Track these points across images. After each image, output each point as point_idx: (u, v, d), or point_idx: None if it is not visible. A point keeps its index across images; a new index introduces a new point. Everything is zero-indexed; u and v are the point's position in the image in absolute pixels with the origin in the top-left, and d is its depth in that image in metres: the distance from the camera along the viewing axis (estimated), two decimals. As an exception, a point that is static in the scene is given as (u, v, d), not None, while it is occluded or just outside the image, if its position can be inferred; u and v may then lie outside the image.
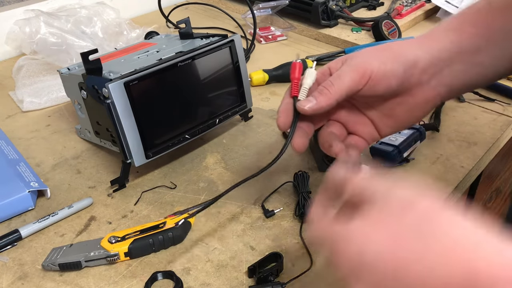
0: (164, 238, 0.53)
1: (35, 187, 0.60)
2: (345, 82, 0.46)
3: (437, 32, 0.50)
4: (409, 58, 0.47)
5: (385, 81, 0.46)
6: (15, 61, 0.89)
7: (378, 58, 0.47)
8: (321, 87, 0.47)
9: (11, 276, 0.52)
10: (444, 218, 0.31)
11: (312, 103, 0.47)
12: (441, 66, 0.48)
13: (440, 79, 0.49)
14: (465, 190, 0.69)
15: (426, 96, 0.49)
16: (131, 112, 0.58)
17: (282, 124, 0.50)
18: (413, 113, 0.51)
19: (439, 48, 0.48)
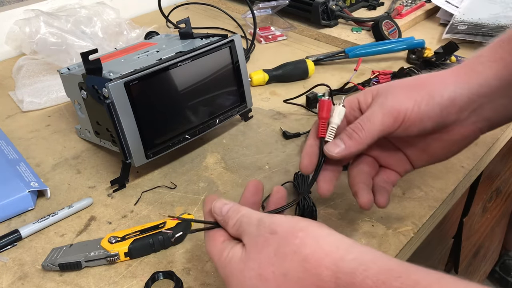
0: (164, 238, 0.53)
1: (35, 187, 0.60)
2: (377, 126, 0.44)
3: (478, 63, 0.46)
4: (445, 97, 0.44)
5: (420, 124, 0.44)
6: (15, 61, 0.89)
7: (412, 98, 0.44)
8: (351, 130, 0.45)
9: (11, 276, 0.52)
10: (297, 239, 0.36)
11: (340, 148, 0.45)
12: (481, 102, 0.45)
13: (480, 115, 0.46)
14: (465, 190, 0.69)
15: (464, 133, 0.47)
16: (131, 112, 0.58)
17: (305, 168, 0.47)
18: (450, 148, 0.48)
19: (480, 82, 0.44)
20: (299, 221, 0.38)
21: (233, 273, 0.38)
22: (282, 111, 0.79)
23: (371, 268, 0.32)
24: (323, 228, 0.37)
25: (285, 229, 0.37)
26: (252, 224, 0.39)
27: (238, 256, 0.38)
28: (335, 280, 0.33)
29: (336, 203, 0.60)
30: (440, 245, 0.96)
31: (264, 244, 0.37)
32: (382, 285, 0.30)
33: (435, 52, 0.88)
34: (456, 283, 0.29)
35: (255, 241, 0.38)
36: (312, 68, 0.87)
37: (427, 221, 0.58)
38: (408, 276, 0.30)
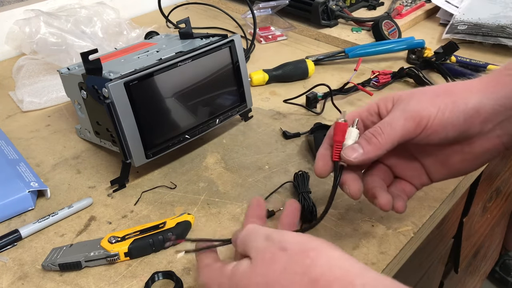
0: (164, 238, 0.53)
1: (35, 187, 0.60)
2: (397, 131, 0.42)
3: (505, 75, 0.44)
4: (470, 106, 0.42)
5: (442, 131, 0.43)
6: (15, 61, 0.89)
7: (436, 104, 0.42)
8: (370, 135, 0.43)
9: (11, 276, 0.52)
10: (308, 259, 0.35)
11: (358, 153, 0.43)
12: (507, 115, 0.43)
13: (505, 128, 0.44)
14: (465, 190, 0.69)
15: (487, 146, 0.44)
16: (131, 112, 0.58)
17: (319, 170, 0.46)
18: (471, 162, 0.46)
19: (507, 94, 0.42)
20: (310, 240, 0.37)
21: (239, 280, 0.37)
22: (282, 111, 0.79)
23: None
24: (335, 249, 0.37)
25: (295, 247, 0.37)
26: (259, 239, 0.39)
27: (244, 266, 0.38)
28: None
29: (336, 203, 0.60)
30: (440, 245, 0.96)
31: (271, 260, 0.36)
32: None
33: (435, 52, 0.88)
34: None
35: (262, 255, 0.37)
36: (312, 68, 0.87)
37: (427, 221, 0.58)
38: None
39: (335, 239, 0.55)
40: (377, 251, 0.53)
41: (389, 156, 0.48)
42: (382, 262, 0.52)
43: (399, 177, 0.50)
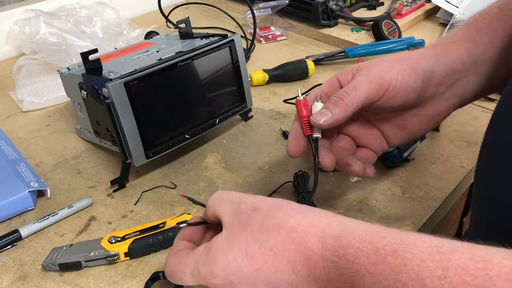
0: (164, 238, 0.53)
1: (35, 187, 0.60)
2: (362, 92, 0.44)
3: (451, 42, 0.48)
4: (426, 69, 0.46)
5: (403, 94, 0.45)
6: (15, 61, 0.89)
7: (396, 69, 0.45)
8: (336, 98, 0.45)
9: (11, 276, 0.52)
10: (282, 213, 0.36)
11: (327, 117, 0.45)
12: (456, 78, 0.47)
13: (454, 91, 0.48)
14: (465, 190, 0.69)
15: (440, 108, 0.48)
16: (131, 112, 0.58)
17: (292, 151, 0.48)
18: (425, 124, 0.50)
19: (454, 59, 0.47)
20: (281, 199, 0.39)
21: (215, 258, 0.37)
22: (282, 111, 0.79)
23: (357, 231, 0.33)
24: (303, 205, 0.38)
25: (268, 206, 0.38)
26: (233, 202, 0.39)
27: (219, 241, 0.38)
28: (322, 246, 0.33)
29: (336, 203, 0.60)
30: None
31: (247, 222, 0.37)
32: (369, 244, 0.31)
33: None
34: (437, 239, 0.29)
35: (238, 220, 0.38)
36: (312, 68, 0.87)
37: (427, 221, 0.58)
38: (393, 235, 0.31)
39: (335, 239, 0.55)
40: (377, 251, 0.53)
41: (350, 128, 0.51)
42: (382, 262, 0.52)
43: (360, 145, 0.52)
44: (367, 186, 0.62)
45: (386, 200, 0.60)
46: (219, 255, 0.37)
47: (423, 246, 0.29)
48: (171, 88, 0.62)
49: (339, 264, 0.32)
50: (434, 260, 0.28)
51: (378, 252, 0.30)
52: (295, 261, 0.34)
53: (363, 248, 0.31)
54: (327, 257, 0.33)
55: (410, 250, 0.29)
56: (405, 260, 0.29)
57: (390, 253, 0.30)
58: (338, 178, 0.64)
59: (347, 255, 0.32)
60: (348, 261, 0.31)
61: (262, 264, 0.35)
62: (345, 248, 0.32)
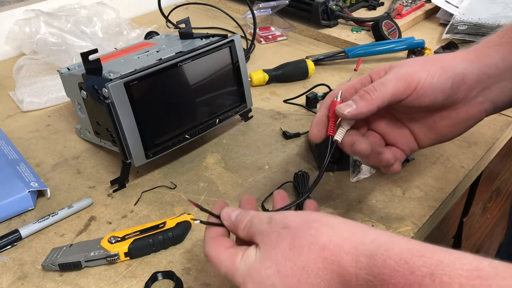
0: (164, 238, 0.53)
1: (35, 187, 0.60)
2: (389, 89, 0.45)
3: (486, 47, 0.48)
4: (457, 72, 0.46)
5: (431, 94, 0.45)
6: (15, 61, 0.89)
7: (426, 69, 0.46)
8: (363, 92, 0.46)
9: (11, 276, 0.52)
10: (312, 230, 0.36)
11: (351, 108, 0.45)
12: (489, 83, 0.47)
13: (486, 95, 0.48)
14: (465, 190, 0.69)
15: (471, 112, 0.48)
16: (131, 112, 0.58)
17: (313, 136, 0.48)
18: (456, 127, 0.49)
19: (488, 64, 0.47)
20: (311, 213, 0.38)
21: (251, 274, 0.37)
22: (282, 111, 0.79)
23: (392, 248, 0.32)
24: (335, 216, 0.37)
25: (297, 222, 0.37)
26: (263, 223, 0.39)
27: (253, 257, 0.38)
28: (356, 264, 0.33)
29: (336, 203, 0.60)
30: (440, 245, 0.96)
31: (278, 240, 0.37)
32: (405, 264, 0.30)
33: (435, 52, 0.88)
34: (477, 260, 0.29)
35: (268, 238, 0.38)
36: (312, 68, 0.87)
37: (427, 221, 0.58)
38: (430, 255, 0.30)
39: (335, 239, 0.55)
40: (377, 251, 0.53)
41: (381, 124, 0.51)
42: (382, 262, 0.52)
43: (390, 143, 0.52)
44: (367, 186, 0.63)
45: (386, 200, 0.60)
46: (254, 272, 0.37)
47: (462, 269, 0.28)
48: (171, 88, 0.62)
49: (374, 283, 0.31)
50: (474, 285, 0.27)
51: (415, 273, 0.29)
52: (329, 280, 0.34)
53: (399, 268, 0.30)
54: (361, 276, 0.32)
55: (448, 273, 0.28)
56: (443, 283, 0.28)
57: (427, 276, 0.29)
58: (338, 178, 0.64)
59: (383, 275, 0.31)
60: (384, 281, 0.31)
61: (296, 283, 0.35)
62: (380, 268, 0.31)
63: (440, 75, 0.45)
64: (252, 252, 0.39)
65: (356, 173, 0.64)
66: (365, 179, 0.63)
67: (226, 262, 0.40)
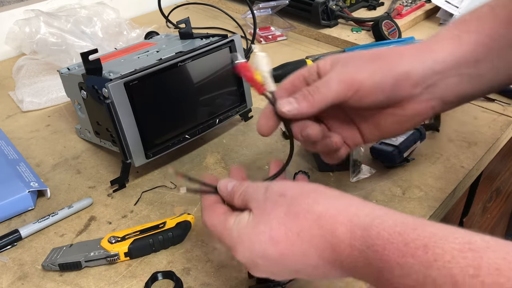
0: (164, 238, 0.53)
1: (35, 187, 0.60)
2: (332, 91, 0.44)
3: (435, 42, 0.47)
4: (399, 71, 0.45)
5: (372, 94, 0.45)
6: (15, 61, 0.89)
7: (368, 68, 0.45)
8: (306, 92, 0.45)
9: (11, 276, 0.52)
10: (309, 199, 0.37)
11: (292, 107, 0.45)
12: (435, 79, 0.46)
13: (433, 92, 0.46)
14: (465, 190, 0.69)
15: (416, 109, 0.47)
16: (131, 112, 0.58)
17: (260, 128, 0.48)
18: (401, 124, 0.49)
19: (435, 59, 0.46)
20: (308, 184, 0.39)
21: (241, 239, 0.38)
22: (282, 111, 0.79)
23: (386, 221, 0.32)
24: (332, 189, 0.38)
25: (294, 190, 0.38)
26: (259, 191, 0.40)
27: (245, 221, 0.38)
28: (351, 235, 0.33)
29: (336, 203, 0.60)
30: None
31: (273, 206, 0.37)
32: (399, 236, 0.31)
33: (435, 52, 0.88)
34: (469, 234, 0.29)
35: (263, 205, 0.38)
36: (312, 68, 0.87)
37: (427, 221, 0.58)
38: (423, 228, 0.31)
39: (335, 239, 0.55)
40: (377, 251, 0.53)
41: (327, 116, 0.50)
42: (382, 262, 0.52)
43: None
44: (367, 186, 0.62)
45: (386, 200, 0.60)
46: (244, 236, 0.37)
47: (454, 242, 0.29)
48: (171, 88, 0.62)
49: (368, 254, 0.32)
50: (465, 257, 0.27)
51: (408, 245, 0.30)
52: (322, 248, 0.34)
53: (393, 240, 0.31)
54: (356, 246, 0.33)
55: (441, 246, 0.29)
56: (435, 255, 0.29)
57: (420, 247, 0.29)
58: (338, 178, 0.64)
59: (376, 246, 0.31)
60: (377, 252, 0.31)
61: (288, 248, 0.35)
62: (374, 239, 0.32)
63: (382, 74, 0.45)
64: (245, 216, 0.39)
65: (356, 173, 0.64)
66: (365, 179, 0.63)
67: (219, 226, 0.40)
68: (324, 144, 0.49)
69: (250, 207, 0.40)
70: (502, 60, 0.47)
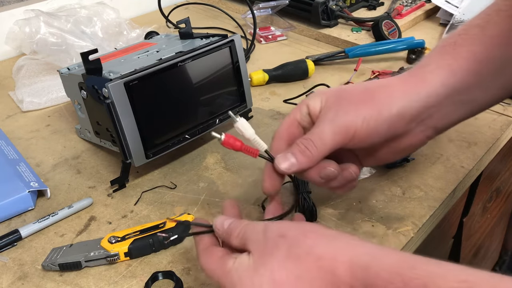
0: (164, 238, 0.53)
1: (35, 187, 0.60)
2: (327, 144, 0.45)
3: (427, 72, 0.46)
4: (393, 112, 0.45)
5: (368, 139, 0.45)
6: (15, 61, 0.89)
7: (361, 115, 0.45)
8: (303, 147, 0.45)
9: (11, 276, 0.52)
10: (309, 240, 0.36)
11: (291, 164, 0.45)
12: (430, 112, 0.46)
13: (428, 124, 0.47)
14: (465, 190, 0.69)
15: (412, 141, 0.48)
16: (131, 112, 0.58)
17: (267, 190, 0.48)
18: (397, 154, 0.50)
19: (429, 92, 0.45)
20: (306, 224, 0.39)
21: (242, 282, 0.37)
22: (282, 111, 0.79)
23: (384, 261, 0.33)
24: (330, 229, 0.38)
25: (294, 231, 0.38)
26: (257, 231, 0.39)
27: (245, 264, 0.38)
28: (351, 275, 0.33)
29: (336, 203, 0.60)
30: (440, 245, 0.96)
31: (274, 248, 0.37)
32: (398, 276, 0.31)
33: (435, 52, 0.88)
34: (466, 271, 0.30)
35: (264, 246, 0.38)
36: (312, 68, 0.87)
37: (427, 221, 0.58)
38: (421, 267, 0.31)
39: (335, 239, 0.55)
40: (377, 251, 0.53)
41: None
42: (382, 262, 0.52)
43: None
44: (367, 186, 0.62)
45: (386, 200, 0.60)
46: (245, 279, 0.37)
47: (453, 280, 0.29)
48: (171, 88, 0.62)
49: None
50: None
51: (408, 285, 0.30)
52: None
53: (393, 280, 0.31)
54: (356, 287, 0.33)
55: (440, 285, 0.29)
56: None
57: (420, 287, 0.30)
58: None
59: (376, 286, 0.32)
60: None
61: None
62: (373, 279, 0.32)
63: (376, 119, 0.44)
64: (245, 259, 0.38)
65: (356, 173, 0.64)
66: (365, 179, 0.63)
67: (219, 271, 0.40)
68: (342, 178, 0.48)
69: (250, 249, 0.39)
70: (494, 82, 0.47)
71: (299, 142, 0.46)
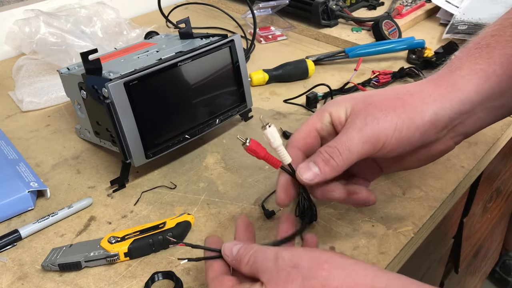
0: (164, 238, 0.53)
1: (34, 187, 0.60)
2: (355, 154, 0.42)
3: (459, 77, 0.44)
4: (426, 120, 0.43)
5: (399, 148, 0.43)
6: (14, 61, 0.89)
7: (393, 123, 0.42)
8: (327, 156, 0.43)
9: (10, 276, 0.52)
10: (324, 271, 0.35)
11: (313, 173, 0.43)
12: (462, 119, 0.44)
13: (458, 130, 0.45)
14: (465, 190, 0.69)
15: (440, 148, 0.46)
16: (131, 112, 0.58)
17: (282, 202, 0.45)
18: (424, 161, 0.48)
19: (462, 99, 0.43)
20: (321, 253, 0.37)
21: None
22: (282, 111, 0.79)
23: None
24: (346, 257, 0.37)
25: (308, 262, 0.36)
26: (269, 259, 0.38)
27: None
28: None
29: (336, 203, 0.60)
30: (440, 245, 0.96)
31: (287, 279, 0.36)
32: None
33: (435, 52, 0.88)
34: None
35: (276, 278, 0.36)
36: (312, 68, 0.87)
37: (427, 221, 0.58)
38: None
39: (335, 239, 0.55)
40: (377, 251, 0.53)
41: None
42: (382, 262, 0.52)
43: (352, 173, 0.50)
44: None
45: (386, 200, 0.60)
46: None
47: None
48: (171, 88, 0.62)
49: None
50: None
51: None
52: None
53: None
54: None
55: None
56: None
57: None
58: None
59: None
60: None
61: None
62: None
63: (408, 127, 0.42)
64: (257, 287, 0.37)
65: (356, 173, 0.64)
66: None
67: None
68: (350, 200, 0.47)
69: (262, 279, 0.38)
70: None
71: (322, 151, 0.43)
